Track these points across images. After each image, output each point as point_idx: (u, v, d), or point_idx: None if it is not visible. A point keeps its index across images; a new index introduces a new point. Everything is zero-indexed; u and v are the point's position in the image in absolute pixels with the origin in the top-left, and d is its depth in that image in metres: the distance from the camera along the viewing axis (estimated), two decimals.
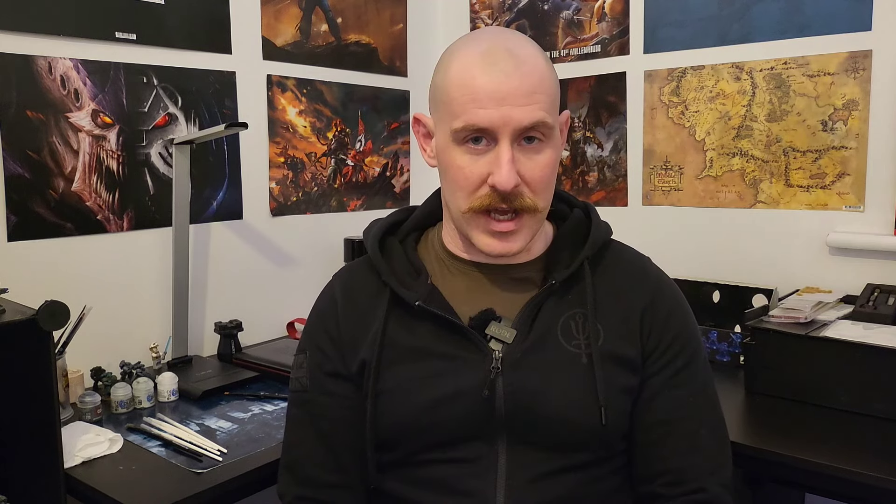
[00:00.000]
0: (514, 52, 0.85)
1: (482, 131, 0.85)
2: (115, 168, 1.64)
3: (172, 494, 1.11)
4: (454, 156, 0.87)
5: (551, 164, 0.88)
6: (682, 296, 0.99)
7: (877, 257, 1.67)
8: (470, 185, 0.87)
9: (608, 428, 0.87)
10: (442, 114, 0.89)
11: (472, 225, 0.90)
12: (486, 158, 0.86)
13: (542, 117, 0.84)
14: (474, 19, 2.38)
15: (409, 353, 0.92)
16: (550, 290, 0.92)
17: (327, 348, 0.97)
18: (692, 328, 0.97)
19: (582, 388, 0.88)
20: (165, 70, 1.72)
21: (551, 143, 0.88)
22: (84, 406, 1.41)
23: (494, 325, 0.91)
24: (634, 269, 0.98)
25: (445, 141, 0.88)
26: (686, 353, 0.93)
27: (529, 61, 0.85)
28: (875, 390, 1.31)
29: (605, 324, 0.92)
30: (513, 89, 0.83)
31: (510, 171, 0.83)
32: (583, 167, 2.17)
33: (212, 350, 1.84)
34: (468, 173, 0.86)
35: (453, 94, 0.86)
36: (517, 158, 0.85)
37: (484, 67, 0.84)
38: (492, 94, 0.83)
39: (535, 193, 0.87)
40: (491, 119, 0.83)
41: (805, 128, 1.76)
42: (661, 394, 0.91)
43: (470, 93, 0.84)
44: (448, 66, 0.88)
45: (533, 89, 0.84)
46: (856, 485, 1.13)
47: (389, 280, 0.94)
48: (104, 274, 1.63)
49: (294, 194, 2.06)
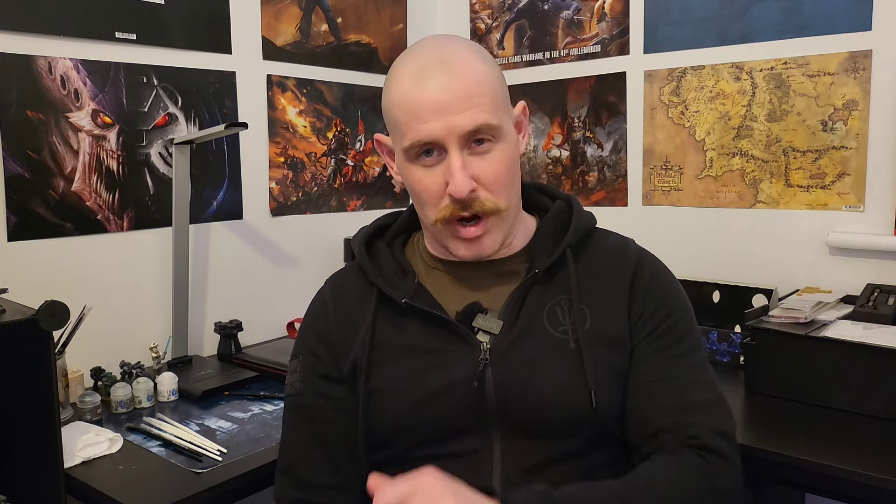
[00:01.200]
0: (448, 61, 0.87)
1: (430, 144, 0.87)
2: (115, 168, 1.65)
3: (172, 494, 1.11)
4: (412, 172, 0.90)
5: (505, 162, 0.89)
6: (665, 268, 0.99)
7: (877, 257, 1.67)
8: (432, 198, 0.89)
9: (599, 411, 0.87)
10: (394, 135, 0.93)
11: (443, 235, 0.92)
12: (439, 169, 0.88)
13: (484, 119, 0.86)
14: (474, 19, 2.38)
15: (399, 351, 0.93)
16: (534, 278, 0.93)
17: (319, 352, 0.98)
18: (676, 295, 0.96)
19: (571, 373, 0.88)
20: (165, 70, 1.72)
21: (502, 142, 0.89)
22: (84, 406, 1.41)
23: (481, 318, 0.92)
24: (616, 248, 0.99)
25: (401, 160, 0.92)
26: (671, 319, 0.93)
27: (463, 67, 0.87)
28: (875, 390, 1.31)
29: (591, 306, 0.92)
30: (450, 98, 0.85)
31: (463, 178, 0.85)
32: (583, 167, 2.17)
33: (212, 350, 1.84)
34: (427, 186, 0.89)
35: (397, 115, 0.89)
36: (470, 163, 0.87)
37: (418, 83, 0.86)
38: (431, 107, 0.85)
39: (493, 193, 0.88)
40: (433, 131, 0.85)
41: (805, 128, 1.76)
42: (645, 357, 0.91)
43: (410, 110, 0.87)
44: (389, 89, 0.91)
45: (470, 93, 0.85)
46: (856, 485, 1.13)
47: (376, 280, 0.96)
48: (104, 274, 1.63)
49: (294, 194, 2.06)
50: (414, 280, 0.96)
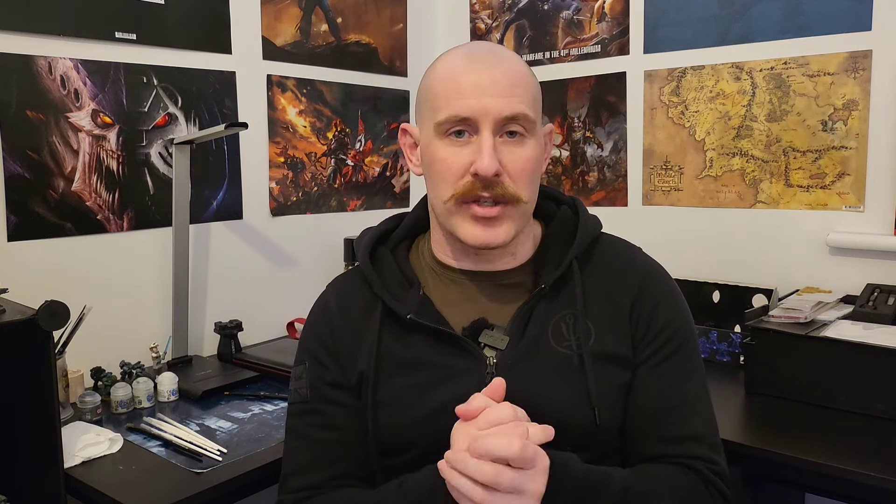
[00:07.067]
0: (496, 52, 0.91)
1: (465, 122, 0.87)
2: (115, 168, 1.65)
3: (172, 494, 1.11)
4: (438, 148, 0.90)
5: (533, 159, 0.90)
6: (672, 285, 0.98)
7: (877, 257, 1.67)
8: (453, 175, 0.89)
9: (602, 427, 0.88)
10: (426, 113, 0.93)
11: (455, 215, 0.90)
12: (468, 149, 0.88)
13: (522, 110, 0.87)
14: (474, 19, 2.38)
15: (405, 365, 0.92)
16: (541, 294, 0.93)
17: (325, 360, 0.97)
18: (682, 317, 0.96)
19: (574, 389, 0.88)
20: (165, 70, 1.72)
21: (533, 139, 0.90)
22: (84, 406, 1.41)
23: (487, 333, 0.92)
24: (623, 262, 0.98)
25: (429, 138, 0.91)
26: (674, 343, 0.93)
27: (510, 61, 0.90)
28: (875, 390, 1.31)
29: (595, 322, 0.92)
30: (494, 81, 0.87)
31: (491, 157, 0.86)
32: (583, 167, 2.17)
33: (212, 350, 1.84)
34: (451, 163, 0.89)
35: (437, 90, 0.90)
36: (499, 149, 0.87)
37: (466, 63, 0.89)
38: (473, 86, 0.87)
39: (516, 183, 0.88)
40: (472, 109, 0.86)
41: (805, 128, 1.76)
42: (648, 382, 0.91)
43: (453, 85, 0.88)
44: (434, 69, 0.94)
45: (513, 83, 0.88)
46: (856, 485, 1.13)
47: (381, 293, 0.95)
48: (104, 274, 1.63)
49: (294, 194, 2.06)
50: (419, 292, 0.95)
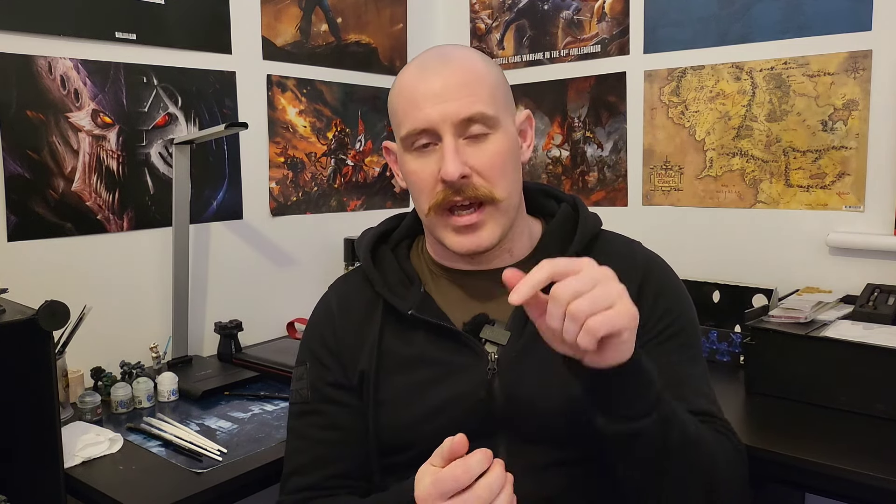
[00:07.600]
0: (447, 55, 0.91)
1: (425, 133, 0.88)
2: (115, 168, 1.64)
3: (172, 494, 1.11)
4: (407, 161, 0.91)
5: (501, 154, 0.89)
6: (673, 276, 0.99)
7: (877, 257, 1.67)
8: (426, 186, 0.90)
9: None
10: (395, 129, 0.94)
11: (438, 226, 0.91)
12: (434, 157, 0.89)
13: (479, 109, 0.87)
14: (474, 19, 2.38)
15: (407, 363, 0.92)
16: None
17: (326, 360, 0.97)
18: (683, 308, 0.96)
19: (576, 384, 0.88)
20: (165, 70, 1.72)
21: (499, 134, 0.89)
22: (84, 406, 1.41)
23: (488, 329, 0.92)
24: (623, 255, 0.98)
25: (401, 153, 0.93)
26: (674, 328, 0.93)
27: (461, 62, 0.90)
28: (875, 390, 1.31)
29: None
30: (445, 86, 0.87)
31: (454, 161, 0.86)
32: (583, 167, 2.17)
33: (212, 350, 1.84)
34: (422, 175, 0.90)
35: (396, 106, 0.92)
36: (464, 151, 0.88)
37: (418, 73, 0.90)
38: (426, 95, 0.88)
39: (487, 181, 0.88)
40: (429, 117, 0.87)
41: (805, 128, 1.76)
42: None
43: (408, 98, 0.90)
44: (393, 86, 0.95)
45: (465, 83, 0.88)
46: (856, 485, 1.12)
47: (382, 291, 0.95)
48: (104, 274, 1.63)
49: (294, 194, 2.06)
50: (420, 289, 0.95)
